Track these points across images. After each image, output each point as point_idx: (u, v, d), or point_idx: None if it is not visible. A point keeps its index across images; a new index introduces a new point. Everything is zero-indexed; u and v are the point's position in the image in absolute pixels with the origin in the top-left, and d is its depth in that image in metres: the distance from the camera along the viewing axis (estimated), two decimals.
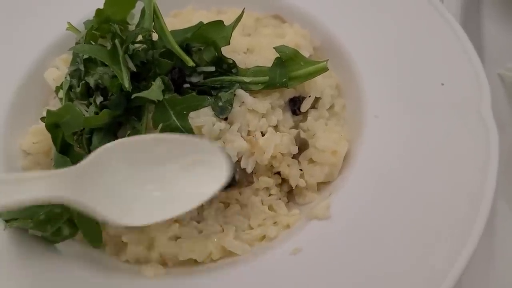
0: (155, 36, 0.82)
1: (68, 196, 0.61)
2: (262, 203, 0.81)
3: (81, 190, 0.62)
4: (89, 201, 0.62)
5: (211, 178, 0.70)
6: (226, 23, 0.83)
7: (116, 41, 0.79)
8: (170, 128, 0.74)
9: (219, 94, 0.80)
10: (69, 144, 0.74)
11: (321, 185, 0.84)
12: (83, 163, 0.65)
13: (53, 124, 0.72)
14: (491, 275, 0.80)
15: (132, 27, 0.86)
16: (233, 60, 0.84)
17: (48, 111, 0.71)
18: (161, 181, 0.69)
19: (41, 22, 0.98)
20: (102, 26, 0.82)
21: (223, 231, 0.78)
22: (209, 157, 0.71)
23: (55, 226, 0.71)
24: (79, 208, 0.62)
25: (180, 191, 0.69)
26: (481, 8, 1.15)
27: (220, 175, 0.70)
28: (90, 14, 0.83)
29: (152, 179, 0.69)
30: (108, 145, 0.68)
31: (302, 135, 0.84)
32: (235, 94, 0.81)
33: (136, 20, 0.86)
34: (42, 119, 0.74)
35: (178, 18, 1.00)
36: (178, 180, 0.70)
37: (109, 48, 0.79)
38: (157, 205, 0.68)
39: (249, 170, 0.78)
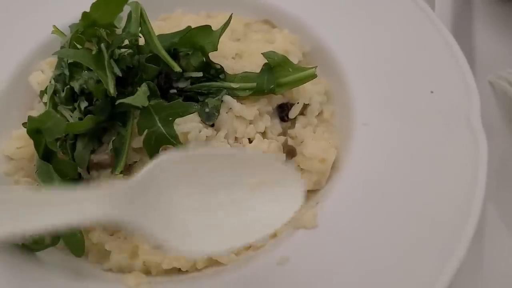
0: (142, 41, 0.81)
1: (126, 218, 0.53)
2: None
3: (138, 210, 0.54)
4: (147, 224, 0.54)
5: (284, 200, 0.61)
6: (215, 27, 0.82)
7: (102, 45, 0.78)
8: (155, 134, 0.73)
9: (206, 100, 0.79)
10: (52, 150, 0.73)
11: (309, 193, 0.82)
12: (139, 177, 0.56)
13: (35, 130, 0.71)
14: (480, 280, 0.79)
15: (119, 31, 0.85)
16: (221, 66, 0.83)
17: (29, 117, 0.70)
18: (227, 203, 0.61)
19: (27, 25, 0.97)
20: (88, 30, 0.81)
21: None
22: (279, 177, 0.62)
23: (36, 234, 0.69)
24: (135, 231, 0.55)
25: (251, 215, 0.60)
26: (472, 15, 1.15)
27: (294, 197, 0.61)
28: (76, 17, 0.82)
29: (217, 200, 0.60)
30: (166, 157, 0.59)
31: (290, 142, 0.83)
32: (222, 101, 0.80)
33: (123, 23, 0.85)
34: (24, 124, 0.73)
35: (167, 22, 0.99)
36: (247, 202, 0.61)
37: (94, 52, 0.78)
38: (223, 231, 0.59)
39: None
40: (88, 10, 0.80)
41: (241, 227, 0.59)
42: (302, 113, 0.88)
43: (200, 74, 0.81)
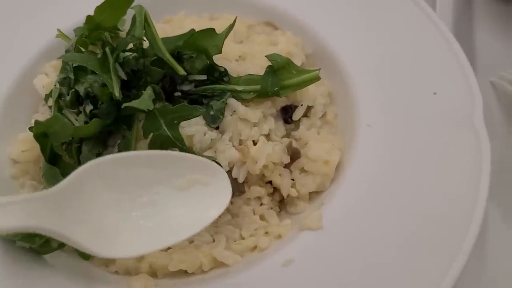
0: (146, 44, 0.81)
1: (45, 226, 0.54)
2: (254, 213, 0.81)
3: (59, 218, 0.55)
4: (69, 231, 0.55)
5: (210, 201, 0.64)
6: (218, 29, 0.82)
7: (107, 49, 0.78)
8: (160, 138, 0.74)
9: (211, 103, 0.80)
10: (58, 154, 0.73)
11: (313, 195, 0.83)
12: (60, 185, 0.58)
13: (42, 134, 0.71)
14: (483, 279, 0.80)
15: (123, 34, 0.85)
16: (224, 68, 0.83)
17: (36, 122, 0.70)
18: (151, 206, 0.63)
19: (31, 28, 0.97)
20: (93, 33, 0.81)
21: (214, 241, 0.77)
22: (207, 177, 0.65)
23: (43, 238, 0.69)
24: (57, 238, 0.56)
25: (174, 217, 0.63)
26: (473, 15, 1.15)
27: (221, 198, 0.64)
28: (80, 20, 0.83)
29: (140, 204, 0.63)
30: (88, 165, 0.61)
31: (294, 144, 0.84)
32: (226, 103, 0.80)
33: (127, 26, 0.85)
34: (30, 128, 0.73)
35: (170, 24, 0.99)
36: (171, 204, 0.63)
37: (99, 56, 0.78)
38: (146, 234, 0.61)
39: (240, 180, 0.78)
40: (91, 13, 0.80)
41: (164, 228, 0.62)
42: (305, 115, 0.89)
43: (204, 77, 0.82)
